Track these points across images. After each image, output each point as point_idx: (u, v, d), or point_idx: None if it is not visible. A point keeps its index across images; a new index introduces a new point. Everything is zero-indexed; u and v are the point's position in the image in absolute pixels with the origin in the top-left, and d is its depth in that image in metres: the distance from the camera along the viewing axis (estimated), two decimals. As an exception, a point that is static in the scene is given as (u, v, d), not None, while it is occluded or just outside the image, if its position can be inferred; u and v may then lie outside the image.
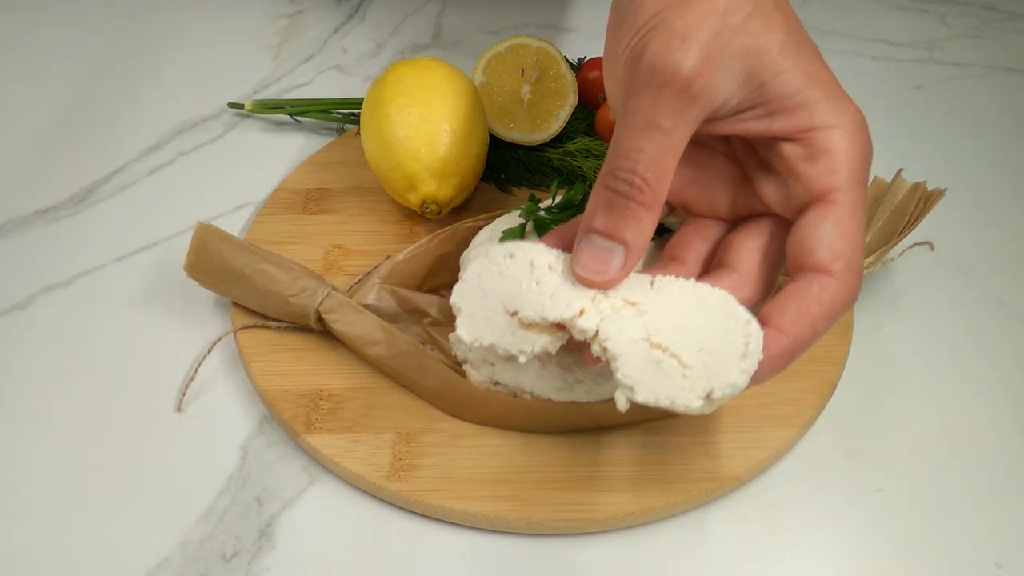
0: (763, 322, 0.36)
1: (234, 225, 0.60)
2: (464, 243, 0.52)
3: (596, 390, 0.45)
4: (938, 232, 0.57)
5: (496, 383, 0.47)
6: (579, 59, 0.68)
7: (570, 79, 0.62)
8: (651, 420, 0.47)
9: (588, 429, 0.47)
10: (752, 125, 0.37)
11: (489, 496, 0.44)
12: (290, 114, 0.68)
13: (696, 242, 0.41)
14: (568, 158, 0.61)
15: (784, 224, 0.38)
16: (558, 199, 0.51)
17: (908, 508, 0.46)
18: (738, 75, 0.35)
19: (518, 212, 0.50)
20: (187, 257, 0.51)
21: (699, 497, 0.45)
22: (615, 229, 0.36)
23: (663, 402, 0.35)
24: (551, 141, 0.62)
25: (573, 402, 0.45)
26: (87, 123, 0.69)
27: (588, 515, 0.44)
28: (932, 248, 0.57)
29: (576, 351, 0.44)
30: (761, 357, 0.35)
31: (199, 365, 0.50)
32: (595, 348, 0.36)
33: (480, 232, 0.51)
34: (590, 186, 0.59)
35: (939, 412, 0.50)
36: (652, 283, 0.38)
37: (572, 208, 0.49)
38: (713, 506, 0.45)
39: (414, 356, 0.47)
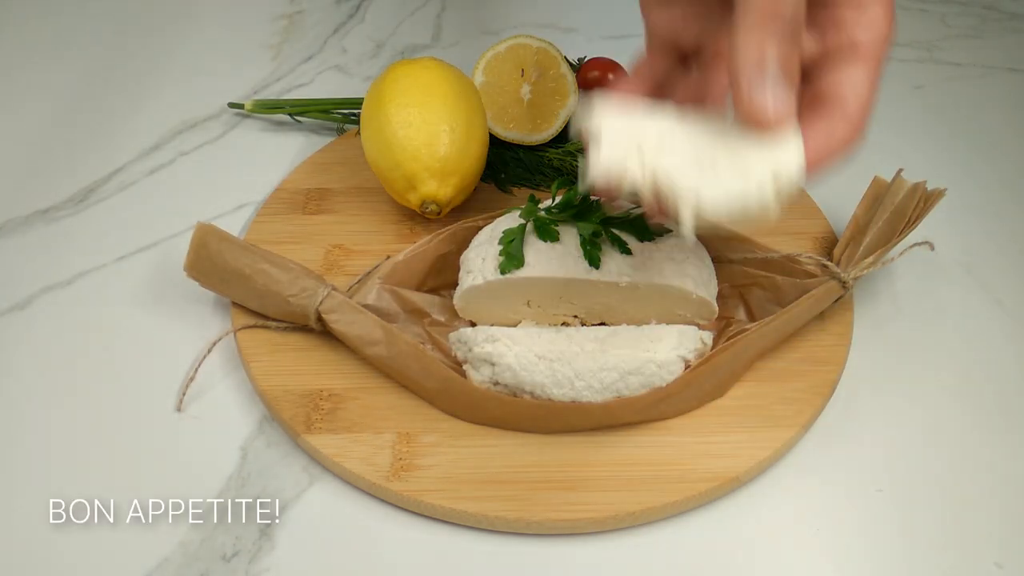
0: None
1: (234, 225, 0.60)
2: (464, 243, 0.52)
3: (597, 387, 0.46)
4: (938, 232, 0.57)
5: (496, 383, 0.47)
6: (579, 59, 0.68)
7: (570, 79, 0.62)
8: (651, 420, 0.47)
9: (588, 429, 0.47)
10: None
11: (489, 496, 0.44)
12: (290, 114, 0.68)
13: (655, 61, 0.43)
14: (568, 158, 0.61)
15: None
16: (558, 199, 0.51)
17: (908, 508, 0.46)
18: None
19: (518, 212, 0.50)
20: (187, 257, 0.51)
21: (699, 497, 0.45)
22: (786, 63, 0.35)
23: (734, 200, 0.35)
24: (551, 141, 0.62)
25: (573, 402, 0.46)
26: (87, 123, 0.69)
27: (588, 515, 0.44)
28: (932, 248, 0.57)
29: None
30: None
31: (199, 365, 0.50)
32: (646, 185, 0.35)
33: (480, 232, 0.51)
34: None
35: (939, 412, 0.50)
36: (670, 114, 0.38)
37: (572, 208, 0.49)
38: (713, 506, 0.45)
39: (414, 356, 0.47)
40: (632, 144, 0.37)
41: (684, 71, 0.44)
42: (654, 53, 0.44)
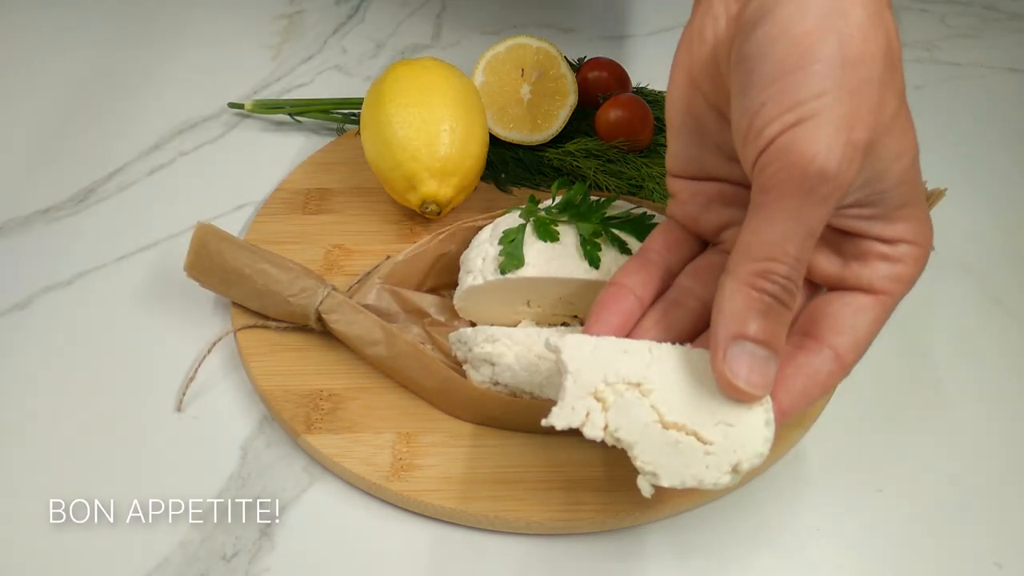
0: None
1: (234, 225, 0.60)
2: (464, 243, 0.52)
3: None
4: (938, 232, 0.57)
5: (496, 383, 0.47)
6: (579, 59, 0.68)
7: (570, 79, 0.62)
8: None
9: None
10: (852, 221, 0.36)
11: (489, 496, 0.44)
12: (290, 114, 0.68)
13: (672, 251, 0.41)
14: (568, 158, 0.61)
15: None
16: (558, 199, 0.51)
17: (908, 508, 0.46)
18: (870, 175, 0.34)
19: (518, 212, 0.50)
20: (187, 257, 0.51)
21: (699, 497, 0.44)
22: (772, 336, 0.34)
23: (690, 483, 0.34)
24: (551, 141, 0.62)
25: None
26: (87, 123, 0.69)
27: (588, 515, 0.44)
28: (932, 248, 0.56)
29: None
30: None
31: (199, 365, 0.50)
32: (608, 440, 0.35)
33: (480, 232, 0.51)
34: (590, 186, 0.59)
35: (939, 412, 0.50)
36: (644, 354, 0.37)
37: (572, 208, 0.49)
38: (713, 506, 0.45)
39: (414, 356, 0.47)
40: (597, 392, 0.36)
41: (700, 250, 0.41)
42: (672, 230, 0.41)
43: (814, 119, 0.32)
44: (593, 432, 0.35)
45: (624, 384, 0.36)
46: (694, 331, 0.39)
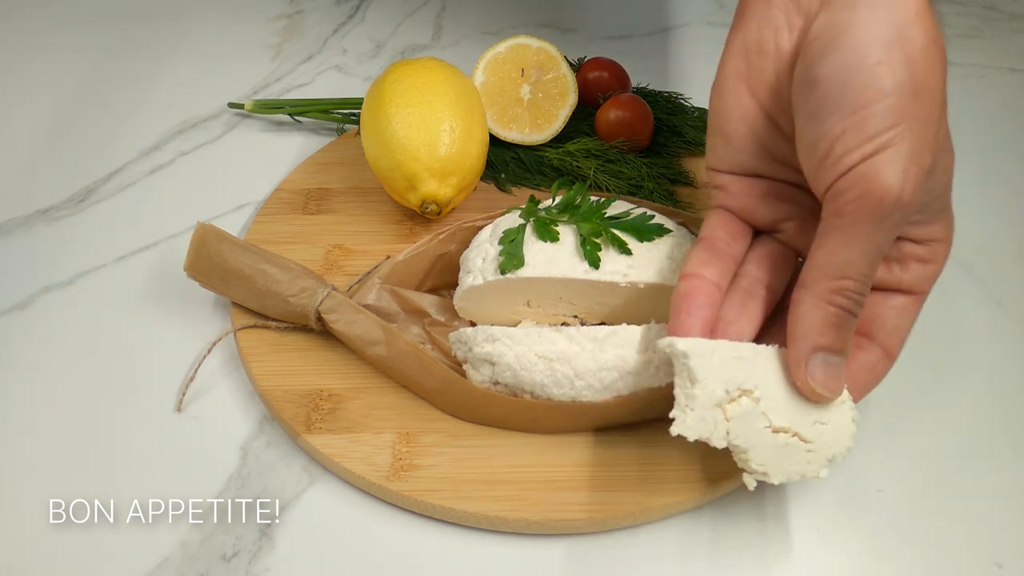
0: None
1: (234, 225, 0.60)
2: (464, 243, 0.52)
3: (597, 387, 0.45)
4: (938, 232, 0.57)
5: (496, 383, 0.47)
6: (579, 59, 0.68)
7: (570, 79, 0.62)
8: (651, 420, 0.47)
9: (588, 429, 0.47)
10: None
11: (489, 496, 0.44)
12: (290, 114, 0.68)
13: (736, 240, 0.43)
14: (568, 158, 0.61)
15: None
16: (558, 199, 0.51)
17: (908, 508, 0.46)
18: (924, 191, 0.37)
19: (518, 212, 0.50)
20: (187, 257, 0.51)
21: (698, 497, 0.44)
22: (844, 344, 0.38)
23: (795, 478, 0.39)
24: (551, 141, 0.62)
25: (573, 401, 0.45)
26: (87, 123, 0.69)
27: (588, 515, 0.44)
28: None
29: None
30: None
31: (199, 365, 0.50)
32: (727, 446, 0.38)
33: (480, 232, 0.51)
34: (590, 186, 0.59)
35: (939, 412, 0.50)
36: (750, 359, 0.39)
37: (572, 208, 0.49)
38: (713, 506, 0.45)
39: (414, 356, 0.47)
40: (720, 402, 0.38)
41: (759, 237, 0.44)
42: (731, 220, 0.43)
43: (890, 149, 0.35)
44: (718, 441, 0.38)
45: (738, 391, 0.38)
46: (764, 319, 0.42)
